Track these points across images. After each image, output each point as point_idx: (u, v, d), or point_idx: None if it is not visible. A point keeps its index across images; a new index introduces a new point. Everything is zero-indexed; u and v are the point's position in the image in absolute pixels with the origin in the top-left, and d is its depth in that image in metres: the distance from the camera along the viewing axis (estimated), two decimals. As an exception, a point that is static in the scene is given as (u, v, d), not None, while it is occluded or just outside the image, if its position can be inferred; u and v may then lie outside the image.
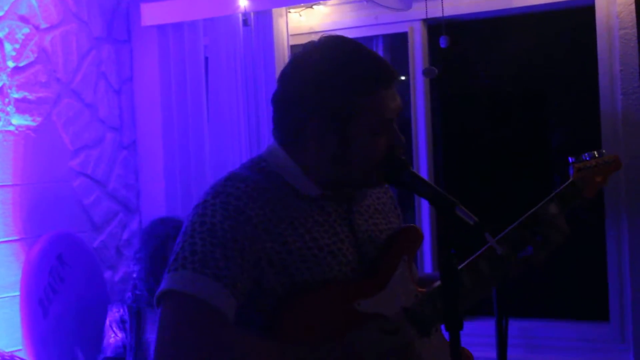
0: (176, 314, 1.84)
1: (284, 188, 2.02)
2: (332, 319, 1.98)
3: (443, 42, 3.86)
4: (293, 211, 2.00)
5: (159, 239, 3.76)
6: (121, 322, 3.72)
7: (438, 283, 2.16)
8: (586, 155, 2.66)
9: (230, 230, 1.90)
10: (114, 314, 3.76)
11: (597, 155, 2.68)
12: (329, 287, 2.00)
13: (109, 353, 3.72)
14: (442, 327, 2.00)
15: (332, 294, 2.01)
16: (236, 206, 1.93)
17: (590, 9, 3.84)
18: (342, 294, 2.02)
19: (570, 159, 2.66)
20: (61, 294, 3.91)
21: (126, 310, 3.74)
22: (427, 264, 4.19)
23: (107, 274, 4.42)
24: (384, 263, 2.12)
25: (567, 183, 2.59)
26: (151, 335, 3.70)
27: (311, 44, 2.09)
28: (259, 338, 1.91)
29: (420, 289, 2.15)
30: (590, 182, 2.63)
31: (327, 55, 2.02)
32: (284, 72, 2.09)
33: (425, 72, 4.03)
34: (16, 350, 3.79)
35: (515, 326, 2.72)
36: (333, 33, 2.22)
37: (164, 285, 1.88)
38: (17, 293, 3.82)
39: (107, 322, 3.76)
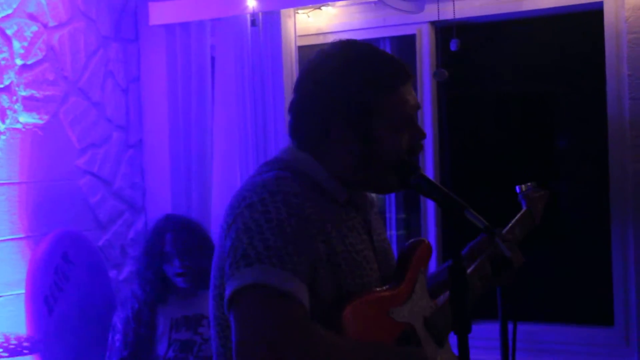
0: (269, 307, 1.75)
1: (318, 190, 2.01)
2: (372, 325, 1.98)
3: (454, 45, 3.86)
4: (333, 214, 1.99)
5: (158, 232, 3.78)
6: (127, 322, 3.72)
7: (448, 294, 2.18)
8: (529, 187, 2.86)
9: (297, 226, 1.85)
10: (122, 312, 3.75)
11: (535, 185, 2.89)
12: (368, 293, 2.00)
13: (115, 353, 3.71)
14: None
15: (372, 300, 2.00)
16: (297, 204, 1.88)
17: (599, 13, 3.84)
18: (379, 300, 2.02)
19: (517, 188, 2.86)
20: (66, 292, 3.91)
21: (136, 307, 3.74)
22: (432, 268, 4.19)
23: (112, 273, 4.42)
24: (406, 273, 2.12)
25: (523, 210, 2.78)
26: (162, 334, 3.70)
27: (323, 50, 2.09)
28: (342, 337, 1.87)
29: (433, 300, 2.16)
30: (537, 209, 2.83)
31: (343, 58, 2.03)
32: (301, 78, 2.08)
33: (435, 75, 4.03)
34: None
35: (520, 330, 2.71)
36: (341, 35, 2.23)
37: (239, 282, 1.79)
38: (23, 291, 3.82)
39: (115, 322, 3.76)
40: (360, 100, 1.98)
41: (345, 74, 1.99)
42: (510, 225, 2.66)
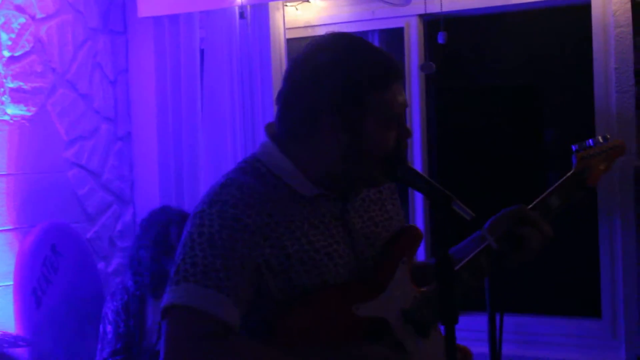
0: (180, 328, 1.85)
1: (281, 189, 2.01)
2: (332, 323, 1.98)
3: (441, 38, 3.87)
4: (289, 214, 1.99)
5: (162, 225, 3.76)
6: (118, 313, 3.72)
7: (435, 283, 2.16)
8: (590, 142, 2.54)
9: (229, 239, 1.90)
10: (113, 304, 3.75)
11: (601, 141, 2.58)
12: (326, 291, 1.99)
13: (108, 345, 3.71)
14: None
15: (330, 298, 2.00)
16: (233, 214, 1.92)
17: (587, 7, 3.85)
18: (339, 297, 2.01)
19: (573, 147, 2.54)
20: (54, 284, 3.91)
21: (126, 298, 3.73)
22: (421, 258, 4.20)
23: (101, 265, 4.41)
24: (383, 265, 2.11)
25: (570, 173, 2.51)
26: (152, 325, 3.70)
27: (316, 42, 2.09)
28: (265, 347, 1.91)
29: (418, 290, 2.15)
30: (594, 170, 2.54)
31: (337, 51, 2.03)
32: (291, 69, 2.08)
33: (423, 68, 4.03)
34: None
35: (508, 321, 2.72)
36: (329, 27, 2.23)
37: (166, 300, 1.88)
38: (11, 283, 3.82)
39: (106, 313, 3.75)
40: (351, 94, 1.98)
41: (338, 68, 1.99)
42: (545, 194, 2.44)
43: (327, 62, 2.01)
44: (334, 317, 1.99)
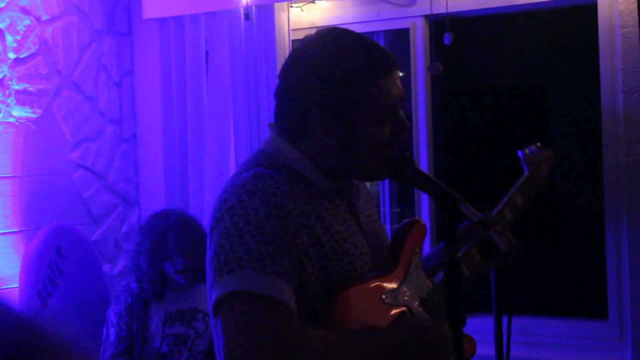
0: (252, 315, 1.77)
1: (302, 182, 2.01)
2: (366, 312, 1.98)
3: (447, 39, 3.86)
4: (316, 205, 2.00)
5: (160, 231, 3.76)
6: (121, 316, 3.71)
7: (441, 273, 2.21)
8: (532, 149, 2.89)
9: (277, 226, 1.85)
10: (117, 306, 3.75)
11: (536, 149, 2.92)
12: (360, 280, 2.00)
13: (109, 347, 3.71)
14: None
15: (364, 287, 2.00)
16: (275, 202, 1.88)
17: (593, 7, 3.84)
18: (372, 286, 2.02)
19: (519, 153, 2.87)
20: (60, 286, 3.91)
21: (130, 301, 3.73)
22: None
23: (106, 267, 4.42)
24: (400, 256, 2.13)
25: (525, 175, 2.80)
26: (156, 329, 3.70)
27: (310, 37, 2.09)
28: (325, 331, 1.86)
29: (430, 280, 2.17)
30: (540, 172, 2.85)
31: (326, 47, 2.02)
32: (284, 67, 2.09)
33: (430, 69, 4.03)
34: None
35: (514, 324, 2.72)
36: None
37: (223, 289, 1.80)
38: (16, 285, 3.82)
39: (109, 316, 3.75)
40: (341, 89, 1.97)
41: (327, 65, 1.99)
42: (507, 197, 2.67)
43: (315, 58, 2.01)
44: (367, 306, 1.99)
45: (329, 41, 2.04)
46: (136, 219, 4.68)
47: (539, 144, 2.92)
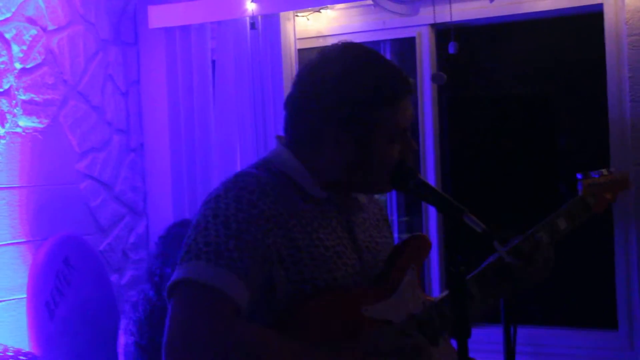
0: (191, 302, 1.83)
1: (292, 187, 2.03)
2: (340, 322, 1.97)
3: (452, 48, 3.86)
4: (300, 210, 2.01)
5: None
6: (141, 324, 3.69)
7: (446, 292, 2.17)
8: (595, 173, 2.70)
9: (244, 222, 1.89)
10: (135, 314, 3.73)
11: (606, 173, 2.71)
12: (337, 290, 2.00)
13: (131, 357, 3.69)
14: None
15: (341, 297, 2.00)
16: (249, 199, 1.92)
17: (599, 15, 3.83)
18: (350, 297, 2.02)
19: (578, 175, 2.70)
20: (67, 297, 3.90)
21: (149, 309, 3.71)
22: (435, 270, 4.18)
23: (114, 278, 4.41)
24: (393, 270, 2.13)
25: (576, 198, 2.66)
26: None
27: (330, 50, 2.10)
28: (272, 332, 1.89)
29: (428, 297, 2.16)
30: (600, 198, 2.72)
31: (348, 63, 2.03)
32: (301, 76, 2.09)
33: (434, 78, 4.02)
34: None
35: (522, 334, 2.71)
36: (341, 38, 2.22)
37: (177, 275, 1.86)
38: (24, 295, 3.82)
39: (127, 325, 3.73)
40: (359, 110, 1.98)
41: (349, 80, 2.00)
42: (553, 215, 2.55)
43: (336, 75, 2.01)
44: (343, 316, 1.99)
45: (349, 60, 2.04)
46: (144, 228, 4.68)
47: (612, 169, 2.79)
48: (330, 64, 2.04)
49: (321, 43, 4.37)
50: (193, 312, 1.82)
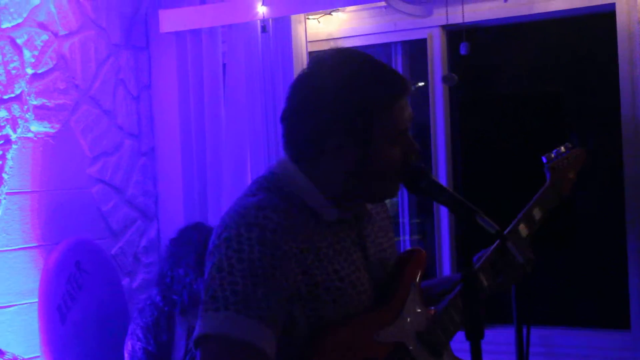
0: (222, 358, 1.80)
1: (307, 213, 1.99)
2: (357, 353, 1.97)
3: (463, 49, 3.85)
4: (317, 240, 1.97)
5: (200, 245, 3.70)
6: (148, 329, 3.69)
7: (446, 301, 2.19)
8: (555, 152, 2.70)
9: (269, 267, 1.85)
10: (142, 320, 3.72)
11: (564, 151, 2.70)
12: (350, 321, 1.99)
13: None
14: (463, 336, 1.99)
15: (355, 329, 1.99)
16: (272, 241, 1.87)
17: (611, 15, 3.82)
18: (363, 327, 2.01)
19: (543, 158, 2.68)
20: (79, 301, 3.91)
21: (156, 314, 3.71)
22: (446, 271, 4.17)
23: (125, 281, 4.41)
24: (396, 290, 2.12)
25: (546, 186, 2.63)
26: (180, 342, 3.68)
27: (321, 58, 2.07)
28: None
29: (430, 311, 2.15)
30: (565, 179, 2.68)
31: (341, 70, 2.00)
32: (295, 88, 2.05)
33: (445, 80, 4.01)
34: (34, 357, 3.80)
35: (535, 334, 2.70)
36: (352, 41, 2.21)
37: (204, 327, 1.82)
38: (36, 300, 3.82)
39: (134, 330, 3.73)
40: (358, 116, 1.95)
41: (342, 89, 1.96)
42: (522, 212, 2.54)
43: (329, 84, 1.98)
44: (358, 346, 1.98)
45: (343, 65, 2.02)
46: (155, 232, 4.68)
47: (569, 144, 2.74)
48: (322, 73, 2.02)
49: (332, 45, 4.37)
50: None
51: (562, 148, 2.72)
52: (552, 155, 2.69)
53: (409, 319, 2.08)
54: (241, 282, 1.82)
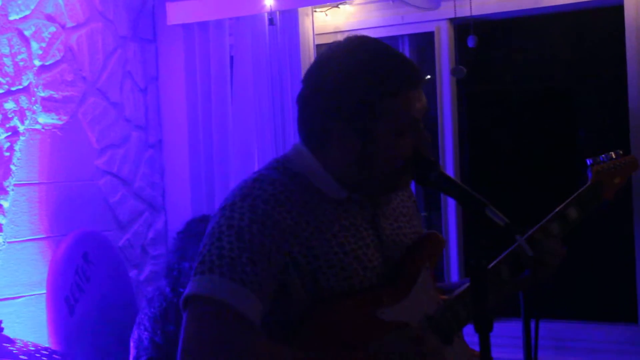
0: (203, 318, 1.83)
1: (310, 191, 2.01)
2: (357, 327, 1.97)
3: (471, 41, 3.85)
4: (319, 215, 1.98)
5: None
6: (155, 320, 3.69)
7: (460, 290, 2.17)
8: (604, 157, 2.66)
9: (258, 234, 1.88)
10: (150, 310, 3.72)
11: (614, 157, 2.68)
12: (353, 295, 1.99)
13: (144, 352, 3.69)
14: (471, 329, 1.99)
15: (357, 302, 1.99)
16: (264, 210, 1.91)
17: (619, 9, 3.81)
18: (366, 302, 2.01)
19: (588, 160, 2.66)
20: (87, 292, 3.91)
21: (165, 305, 3.71)
22: (454, 265, 4.16)
23: (133, 273, 4.42)
24: (407, 271, 2.11)
25: (586, 185, 2.59)
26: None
27: (336, 44, 2.08)
28: (283, 347, 1.89)
29: (442, 296, 2.14)
30: (609, 183, 2.64)
31: (352, 56, 2.01)
32: (309, 72, 2.08)
33: (454, 72, 4.01)
34: (42, 349, 3.81)
35: (543, 328, 2.70)
36: (358, 32, 2.21)
37: (190, 289, 1.86)
38: (44, 291, 3.84)
39: (142, 320, 3.73)
40: (363, 100, 1.96)
41: (351, 75, 1.98)
42: (563, 206, 2.48)
43: (340, 69, 2.00)
44: (358, 321, 1.98)
45: (355, 50, 2.02)
46: (162, 224, 4.68)
47: (620, 151, 2.70)
48: (335, 58, 2.03)
49: (339, 38, 4.34)
50: (206, 328, 1.82)
51: (612, 154, 2.68)
52: (599, 159, 2.66)
53: (418, 301, 2.07)
54: (227, 247, 1.87)
